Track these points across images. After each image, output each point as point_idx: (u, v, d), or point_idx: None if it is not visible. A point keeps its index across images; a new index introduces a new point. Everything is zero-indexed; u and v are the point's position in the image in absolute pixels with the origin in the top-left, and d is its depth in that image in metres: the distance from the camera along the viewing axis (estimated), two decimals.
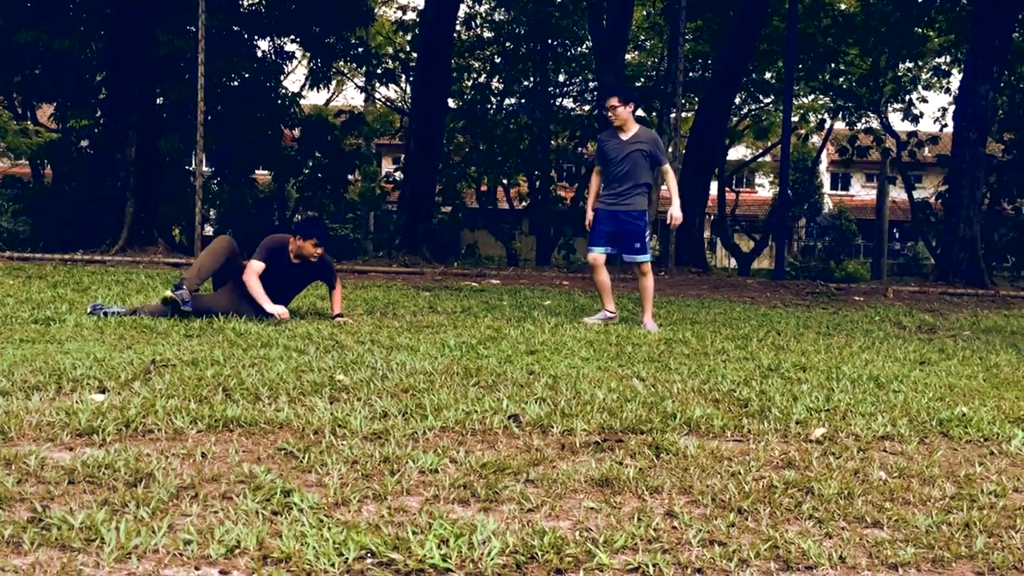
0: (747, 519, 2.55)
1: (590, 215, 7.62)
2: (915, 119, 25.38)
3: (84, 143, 18.46)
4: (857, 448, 3.38)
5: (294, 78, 43.02)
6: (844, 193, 48.35)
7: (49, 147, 19.34)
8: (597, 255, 7.49)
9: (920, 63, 26.25)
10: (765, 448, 3.32)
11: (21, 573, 1.99)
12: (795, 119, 27.38)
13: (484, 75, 27.60)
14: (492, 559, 2.15)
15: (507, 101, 27.84)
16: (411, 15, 27.11)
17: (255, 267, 6.74)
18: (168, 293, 6.47)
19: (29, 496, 2.50)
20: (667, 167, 7.54)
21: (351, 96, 48.18)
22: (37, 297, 7.51)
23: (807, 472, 3.01)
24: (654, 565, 2.17)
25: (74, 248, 14.40)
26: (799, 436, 3.56)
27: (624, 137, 7.45)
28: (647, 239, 7.54)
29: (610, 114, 7.49)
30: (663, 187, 8.35)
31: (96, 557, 2.10)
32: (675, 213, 7.53)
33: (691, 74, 25.39)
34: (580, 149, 27.68)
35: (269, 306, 6.64)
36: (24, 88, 19.73)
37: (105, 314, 6.50)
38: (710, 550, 2.29)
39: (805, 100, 30.18)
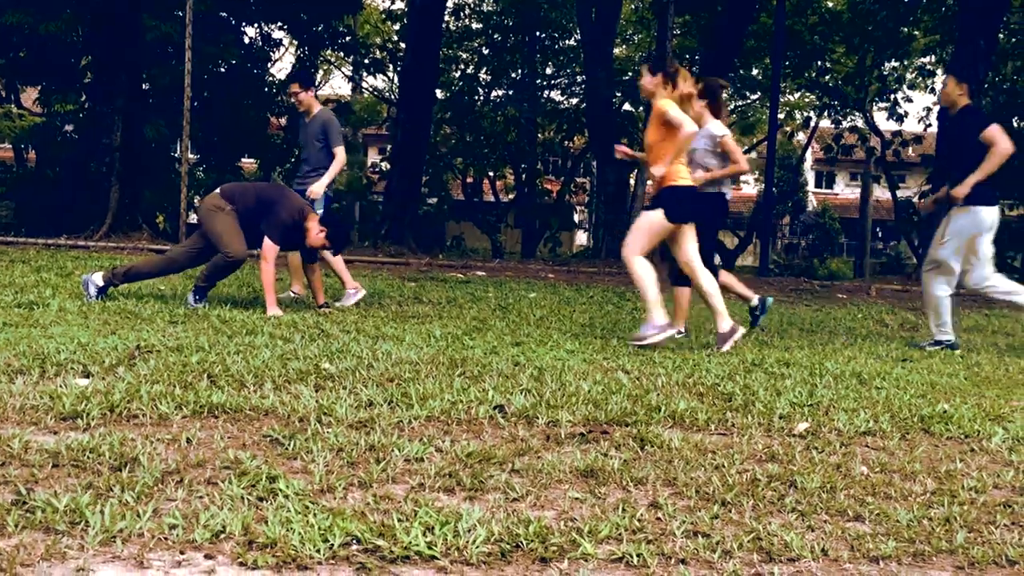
0: (730, 511, 2.56)
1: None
2: (900, 118, 25.51)
3: (69, 128, 18.31)
4: (840, 443, 3.40)
5: (281, 66, 42.85)
6: (828, 191, 48.57)
7: (33, 131, 19.18)
8: None
9: (905, 62, 26.38)
10: (749, 442, 3.35)
11: (5, 555, 1.98)
12: (781, 116, 27.46)
13: (472, 66, 27.56)
14: (477, 547, 2.16)
15: (494, 93, 27.80)
16: (400, 4, 27.06)
17: (273, 253, 6.55)
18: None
19: (13, 479, 2.49)
20: (337, 149, 7.57)
21: (338, 85, 48.01)
22: (20, 281, 7.46)
23: (790, 466, 3.04)
24: (638, 555, 2.19)
25: (57, 233, 14.31)
26: (782, 430, 3.58)
27: (307, 120, 7.63)
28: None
29: (293, 100, 7.61)
30: (647, 183, 8.38)
31: (81, 540, 2.10)
32: (314, 188, 7.37)
33: None
34: (567, 142, 27.67)
35: (273, 309, 6.43)
36: (8, 71, 19.55)
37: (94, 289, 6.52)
38: (694, 541, 2.30)
39: (791, 97, 30.29)
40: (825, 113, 27.65)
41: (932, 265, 6.78)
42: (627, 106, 27.47)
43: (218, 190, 6.74)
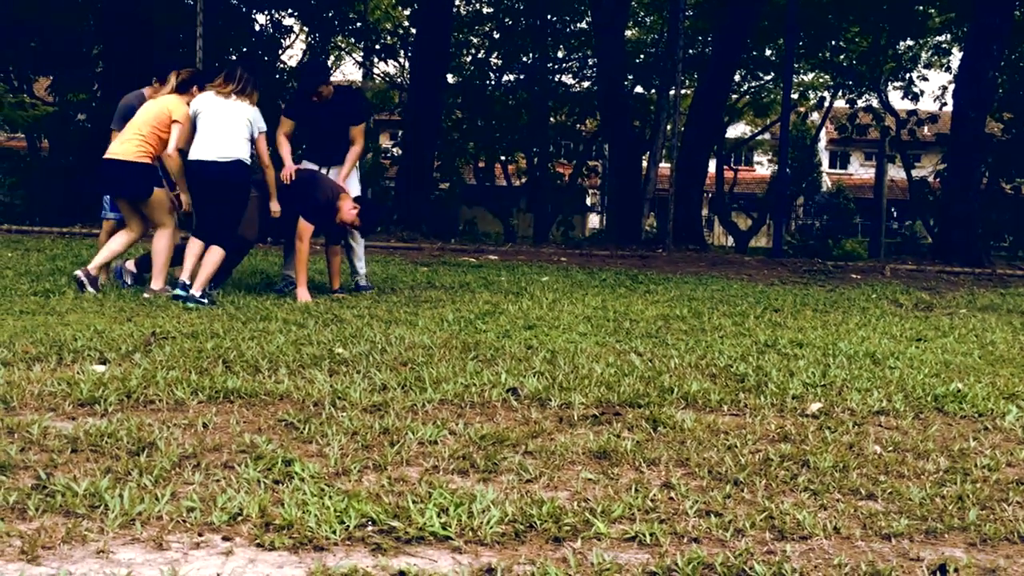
0: (743, 491, 2.58)
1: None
2: (915, 97, 25.26)
3: (82, 116, 18.37)
4: (853, 423, 3.41)
5: (291, 53, 42.83)
6: (843, 172, 48.27)
7: (46, 120, 19.24)
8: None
9: (921, 41, 26.13)
10: (761, 422, 3.35)
11: (27, 538, 2.01)
12: (795, 97, 27.27)
13: (483, 51, 27.45)
14: (491, 527, 2.18)
15: (506, 77, 27.69)
16: None
17: (308, 232, 6.67)
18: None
19: (33, 464, 2.52)
20: None
21: (349, 72, 47.96)
22: (36, 269, 7.52)
23: (803, 446, 3.04)
24: (651, 534, 2.20)
25: (72, 221, 14.37)
26: (795, 411, 3.58)
27: None
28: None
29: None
30: (661, 164, 8.36)
31: (100, 523, 2.13)
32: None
33: (691, 51, 25.25)
34: (579, 126, 27.56)
35: (304, 292, 6.56)
36: (20, 61, 19.62)
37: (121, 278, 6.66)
38: (706, 520, 2.32)
39: (805, 78, 30.04)
40: (839, 93, 27.42)
41: None
42: (639, 88, 27.33)
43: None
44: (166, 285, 6.39)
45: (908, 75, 25.99)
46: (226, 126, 6.37)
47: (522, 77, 27.25)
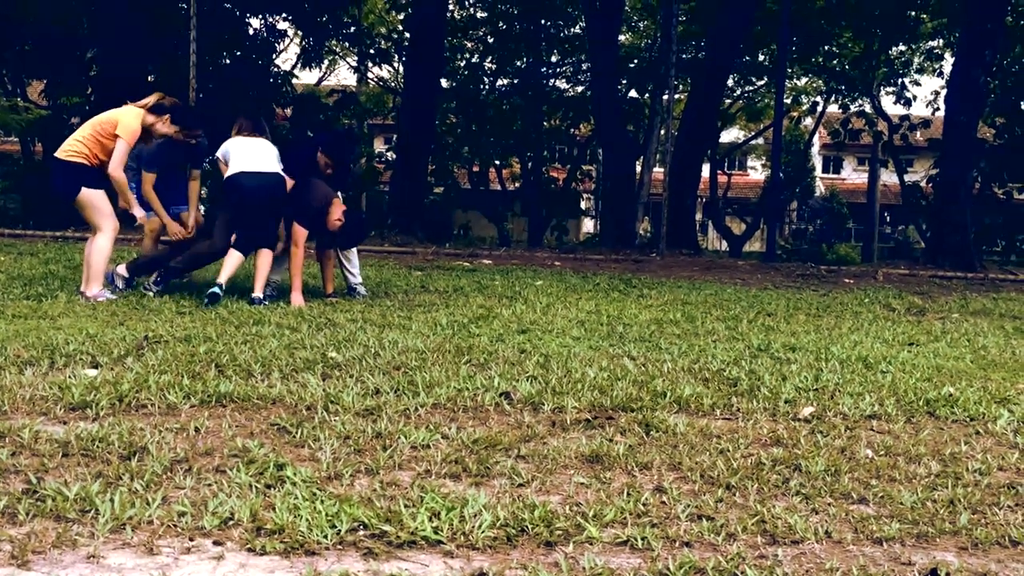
0: (735, 495, 2.58)
1: None
2: (907, 103, 25.35)
3: (75, 120, 18.35)
4: (845, 427, 3.42)
5: (286, 57, 42.85)
6: (836, 176, 48.40)
7: (39, 124, 19.22)
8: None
9: (913, 46, 26.23)
10: (754, 426, 3.36)
11: (17, 543, 2.01)
12: (788, 102, 27.32)
13: (477, 55, 27.48)
14: (483, 532, 2.18)
15: (500, 81, 27.73)
16: None
17: (302, 237, 6.71)
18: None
19: (24, 468, 2.52)
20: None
21: (343, 76, 47.96)
22: (29, 273, 7.50)
23: (795, 450, 3.05)
24: (643, 538, 2.21)
25: (65, 225, 14.34)
26: (787, 415, 3.59)
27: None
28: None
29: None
30: (655, 169, 8.33)
31: (91, 527, 2.12)
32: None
33: (684, 56, 25.31)
34: (573, 130, 27.61)
35: (298, 296, 6.59)
36: (14, 64, 19.58)
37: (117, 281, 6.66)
38: (698, 524, 2.32)
39: (798, 83, 30.14)
40: (832, 98, 27.52)
41: None
42: (633, 93, 27.39)
43: None
44: (103, 290, 6.34)
45: (901, 80, 26.10)
46: (262, 151, 6.58)
47: (516, 82, 27.29)
